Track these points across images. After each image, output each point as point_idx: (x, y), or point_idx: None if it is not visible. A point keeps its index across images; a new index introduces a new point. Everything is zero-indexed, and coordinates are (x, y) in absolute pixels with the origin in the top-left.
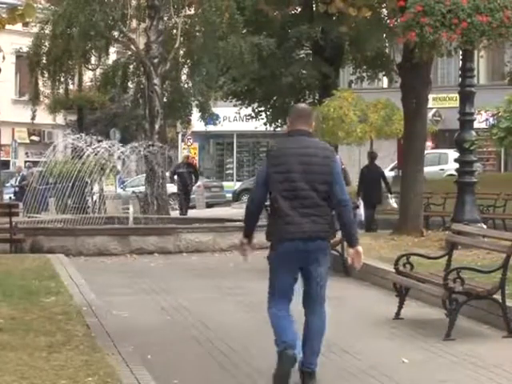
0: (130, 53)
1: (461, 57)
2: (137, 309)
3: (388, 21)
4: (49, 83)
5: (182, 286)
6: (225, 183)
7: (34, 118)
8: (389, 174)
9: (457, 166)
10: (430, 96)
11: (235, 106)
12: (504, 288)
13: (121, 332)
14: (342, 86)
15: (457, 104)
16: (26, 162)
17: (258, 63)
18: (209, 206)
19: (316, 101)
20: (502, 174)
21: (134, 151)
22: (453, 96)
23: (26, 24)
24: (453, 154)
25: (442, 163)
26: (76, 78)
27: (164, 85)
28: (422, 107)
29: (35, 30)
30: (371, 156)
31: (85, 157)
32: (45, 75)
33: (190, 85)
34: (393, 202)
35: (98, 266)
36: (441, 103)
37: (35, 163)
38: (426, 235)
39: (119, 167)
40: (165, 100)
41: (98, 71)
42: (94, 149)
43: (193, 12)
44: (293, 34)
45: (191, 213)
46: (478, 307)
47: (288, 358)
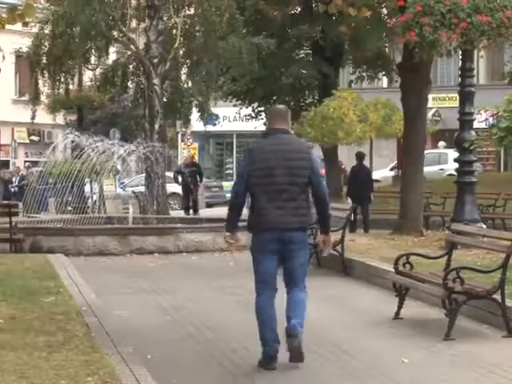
0: (129, 53)
1: (460, 57)
2: (137, 309)
3: (388, 21)
4: (49, 83)
5: (181, 285)
6: (224, 183)
7: (34, 117)
8: (388, 173)
9: (456, 165)
10: (430, 96)
11: (235, 105)
12: (503, 288)
13: (121, 332)
14: (341, 85)
15: (456, 104)
16: (25, 161)
17: (257, 63)
18: (209, 205)
19: (316, 101)
20: (502, 173)
21: (133, 151)
22: (452, 96)
23: (25, 24)
24: (453, 153)
25: (442, 163)
26: (76, 78)
27: (164, 85)
28: (422, 107)
29: (35, 30)
30: (359, 156)
31: (85, 156)
32: (45, 75)
33: (189, 85)
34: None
35: (98, 265)
36: (440, 103)
37: (35, 163)
38: (426, 235)
39: (119, 167)
40: (165, 100)
41: (98, 71)
42: (94, 148)
43: (193, 12)
44: (293, 34)
45: (191, 212)
46: (477, 307)
47: (270, 357)
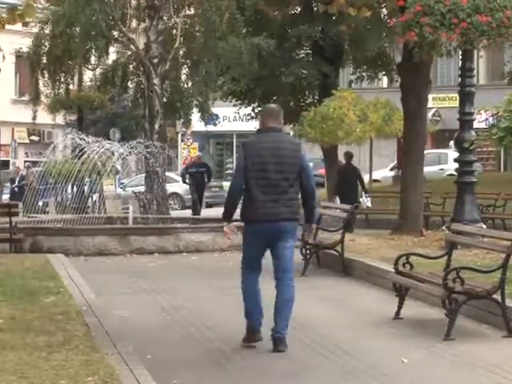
0: (129, 53)
1: (460, 57)
2: (137, 309)
3: (388, 21)
4: (49, 83)
5: (181, 285)
6: (224, 183)
7: (35, 118)
8: (388, 173)
9: (456, 165)
10: (430, 96)
11: (235, 105)
12: (503, 288)
13: (121, 332)
14: (341, 85)
15: (456, 104)
16: (25, 161)
17: (257, 63)
18: (209, 205)
19: (316, 101)
20: (502, 173)
21: (132, 151)
22: (452, 96)
23: (25, 24)
24: (453, 153)
25: (442, 163)
26: (76, 78)
27: (164, 85)
28: (422, 107)
29: (35, 30)
30: (347, 156)
31: (85, 156)
32: (45, 75)
33: (189, 85)
34: (367, 202)
35: (98, 265)
36: (440, 103)
37: (35, 163)
38: (426, 235)
39: (119, 167)
40: (164, 100)
41: (98, 71)
42: (94, 148)
43: (193, 12)
44: (293, 34)
45: (190, 212)
46: (477, 307)
47: (254, 327)
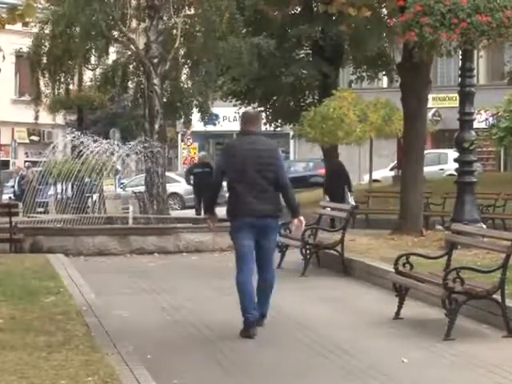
0: (129, 53)
1: (460, 57)
2: (137, 309)
3: (388, 21)
4: (49, 83)
5: (181, 285)
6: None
7: (37, 118)
8: (388, 173)
9: (456, 165)
10: (430, 96)
11: (235, 105)
12: (503, 288)
13: (121, 332)
14: (341, 85)
15: (456, 104)
16: (25, 161)
17: (257, 63)
18: None
19: (316, 101)
20: (502, 173)
21: (132, 151)
22: (452, 96)
23: (26, 24)
24: (452, 153)
25: (442, 163)
26: (76, 78)
27: (164, 85)
28: (422, 107)
29: (35, 30)
30: (334, 156)
31: (84, 156)
32: (45, 75)
33: (189, 85)
34: (351, 200)
35: (98, 265)
36: (440, 103)
37: (35, 163)
38: (426, 235)
39: (119, 167)
40: (164, 100)
41: (98, 71)
42: (94, 148)
43: (193, 12)
44: (293, 34)
45: (191, 212)
46: (477, 307)
47: (250, 323)
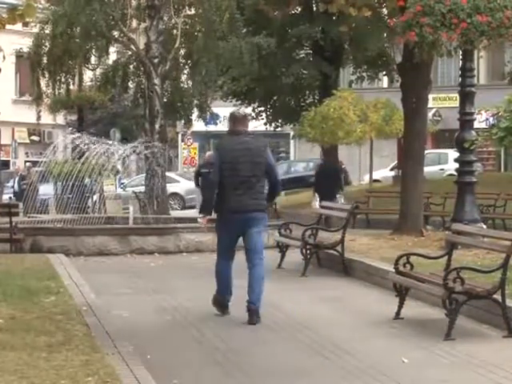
0: (130, 53)
1: (461, 57)
2: (137, 309)
3: (388, 20)
4: (50, 83)
5: (182, 285)
6: None
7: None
8: (388, 173)
9: (457, 165)
10: (430, 96)
11: (235, 106)
12: (504, 288)
13: (121, 332)
14: (342, 85)
15: (457, 104)
16: (25, 161)
17: (258, 63)
18: None
19: (316, 101)
20: (502, 173)
21: (133, 151)
22: (453, 96)
23: (26, 24)
24: (453, 153)
25: (442, 163)
26: (76, 78)
27: (164, 85)
28: (422, 107)
29: (35, 30)
30: (325, 154)
31: (84, 157)
32: (45, 75)
33: (190, 85)
34: (341, 200)
35: (98, 265)
36: (441, 103)
37: (35, 163)
38: (426, 235)
39: (119, 167)
40: (165, 100)
41: (98, 71)
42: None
43: (193, 12)
44: (293, 34)
45: (191, 212)
46: (477, 307)
47: (223, 304)
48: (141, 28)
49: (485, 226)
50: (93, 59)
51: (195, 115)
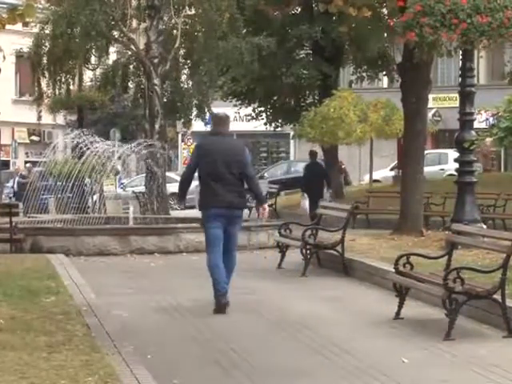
0: (130, 53)
1: (461, 57)
2: (137, 309)
3: (388, 21)
4: (50, 83)
5: (182, 285)
6: None
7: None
8: (388, 173)
9: (457, 165)
10: (430, 96)
11: (235, 106)
12: (504, 288)
13: (121, 332)
14: (342, 85)
15: (457, 104)
16: (25, 162)
17: (258, 63)
18: None
19: (316, 101)
20: (502, 173)
21: (133, 151)
22: (453, 96)
23: (26, 24)
24: (453, 153)
25: (442, 163)
26: (76, 78)
27: (164, 85)
28: (422, 107)
29: (35, 30)
30: (312, 154)
31: (85, 157)
32: (46, 75)
33: (190, 85)
34: (329, 197)
35: (98, 265)
36: (441, 103)
37: (35, 163)
38: (426, 235)
39: (119, 167)
40: (165, 100)
41: (98, 71)
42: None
43: (193, 12)
44: (293, 34)
45: (191, 213)
46: (477, 307)
47: (221, 297)
48: (141, 28)
49: (485, 226)
50: (93, 59)
51: (194, 115)
